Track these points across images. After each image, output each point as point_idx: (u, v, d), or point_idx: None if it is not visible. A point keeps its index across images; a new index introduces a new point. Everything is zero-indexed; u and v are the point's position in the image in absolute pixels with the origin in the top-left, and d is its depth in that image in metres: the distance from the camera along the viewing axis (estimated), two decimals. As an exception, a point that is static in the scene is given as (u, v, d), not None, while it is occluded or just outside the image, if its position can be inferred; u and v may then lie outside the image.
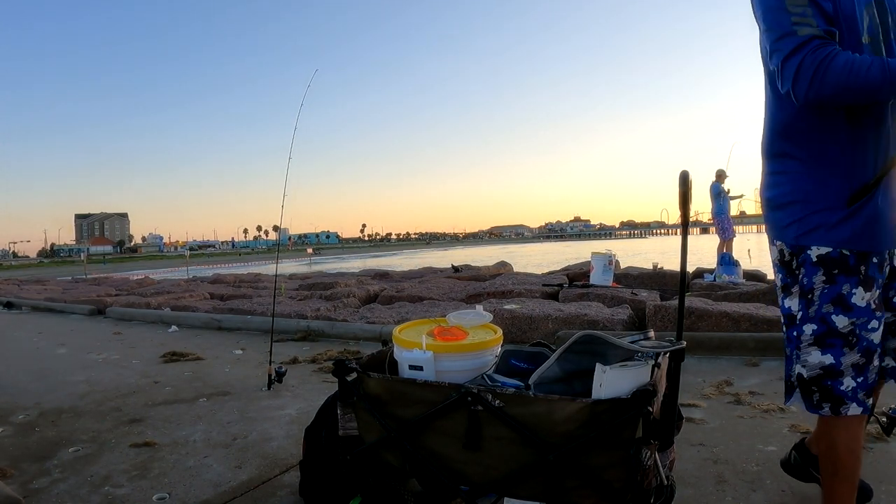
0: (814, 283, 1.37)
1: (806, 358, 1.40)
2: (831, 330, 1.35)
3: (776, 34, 1.30)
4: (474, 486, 1.57)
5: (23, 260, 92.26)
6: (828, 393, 1.37)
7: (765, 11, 1.33)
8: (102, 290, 10.30)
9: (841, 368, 1.35)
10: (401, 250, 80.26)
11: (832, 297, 1.35)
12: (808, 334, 1.39)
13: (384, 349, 1.94)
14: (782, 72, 1.28)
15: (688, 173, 1.67)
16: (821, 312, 1.36)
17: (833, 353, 1.36)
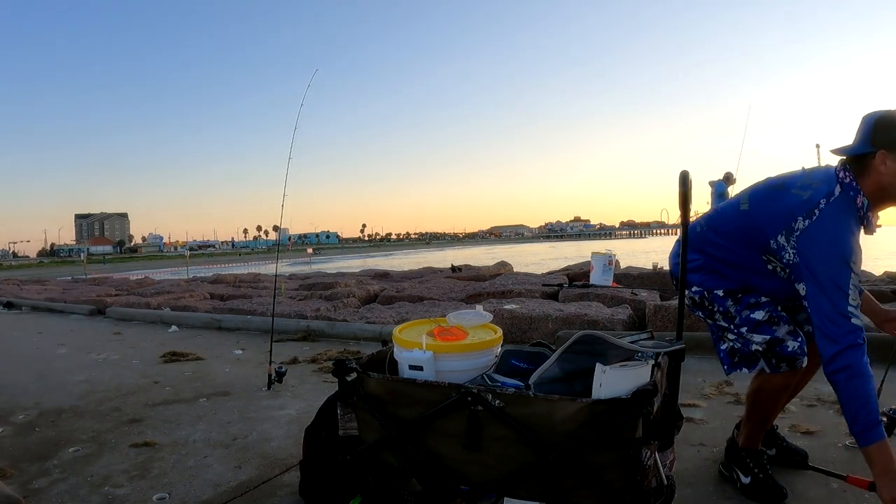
0: (727, 307, 1.89)
1: (753, 340, 1.85)
2: (757, 322, 1.84)
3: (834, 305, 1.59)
4: (474, 486, 1.57)
5: (23, 260, 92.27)
6: (780, 356, 1.82)
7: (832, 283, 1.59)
8: (102, 290, 10.30)
9: (780, 337, 1.82)
10: (401, 250, 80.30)
11: (745, 306, 1.86)
12: (744, 330, 1.86)
13: (384, 349, 1.94)
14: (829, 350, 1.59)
15: (688, 173, 1.68)
16: (742, 318, 1.86)
17: (767, 332, 1.82)
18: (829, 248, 1.61)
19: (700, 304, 1.95)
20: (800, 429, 2.44)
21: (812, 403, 2.80)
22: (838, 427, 2.46)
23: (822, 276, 1.60)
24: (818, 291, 1.61)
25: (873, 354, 3.62)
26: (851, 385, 1.57)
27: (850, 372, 1.58)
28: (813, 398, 2.87)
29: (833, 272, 1.60)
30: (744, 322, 1.85)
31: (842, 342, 1.58)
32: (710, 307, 1.92)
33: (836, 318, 1.58)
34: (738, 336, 1.88)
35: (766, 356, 1.83)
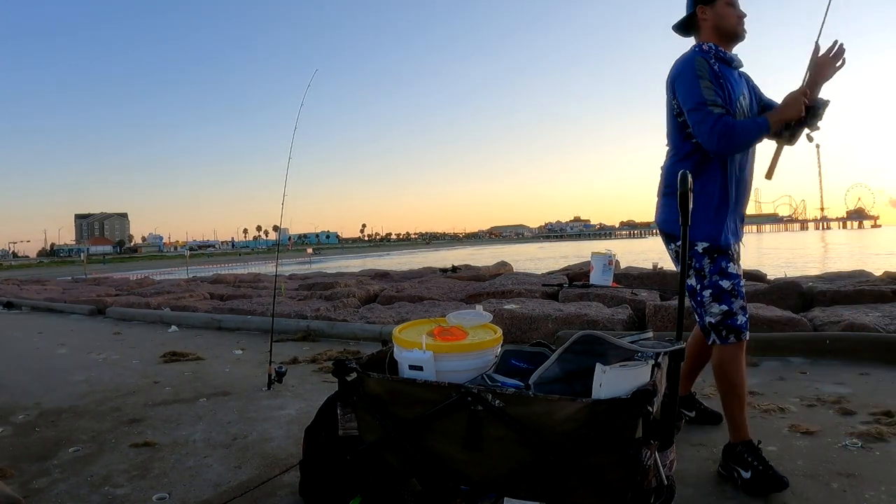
0: (703, 265, 2.08)
1: (710, 310, 2.08)
2: (721, 290, 2.06)
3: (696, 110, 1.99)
4: (474, 486, 1.57)
5: (23, 260, 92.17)
6: (730, 328, 2.07)
7: (688, 97, 2.02)
8: (102, 290, 10.30)
9: (734, 310, 2.06)
10: (401, 250, 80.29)
11: (717, 271, 2.06)
12: (708, 296, 2.08)
13: (384, 349, 1.94)
14: (707, 136, 1.97)
15: (688, 173, 1.69)
16: (712, 282, 2.07)
17: (726, 303, 2.06)
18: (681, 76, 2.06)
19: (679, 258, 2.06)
20: (800, 429, 2.44)
21: (812, 403, 2.80)
22: (838, 427, 2.46)
23: (684, 97, 2.04)
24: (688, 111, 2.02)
25: (874, 354, 3.62)
26: (732, 140, 1.96)
27: (726, 136, 1.95)
28: (813, 398, 2.87)
29: (688, 90, 2.02)
30: (710, 285, 2.08)
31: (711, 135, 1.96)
32: (689, 262, 2.08)
33: (700, 116, 1.98)
34: (699, 304, 2.11)
35: (716, 328, 2.09)
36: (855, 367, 3.41)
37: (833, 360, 3.57)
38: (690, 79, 2.02)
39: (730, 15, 2.12)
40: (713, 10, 2.12)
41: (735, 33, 2.14)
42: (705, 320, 2.10)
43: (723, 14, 2.12)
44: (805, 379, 3.26)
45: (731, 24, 2.12)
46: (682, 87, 2.05)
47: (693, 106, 1.99)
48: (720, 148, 1.97)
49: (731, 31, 2.13)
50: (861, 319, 4.02)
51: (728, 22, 2.12)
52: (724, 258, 2.07)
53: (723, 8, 2.12)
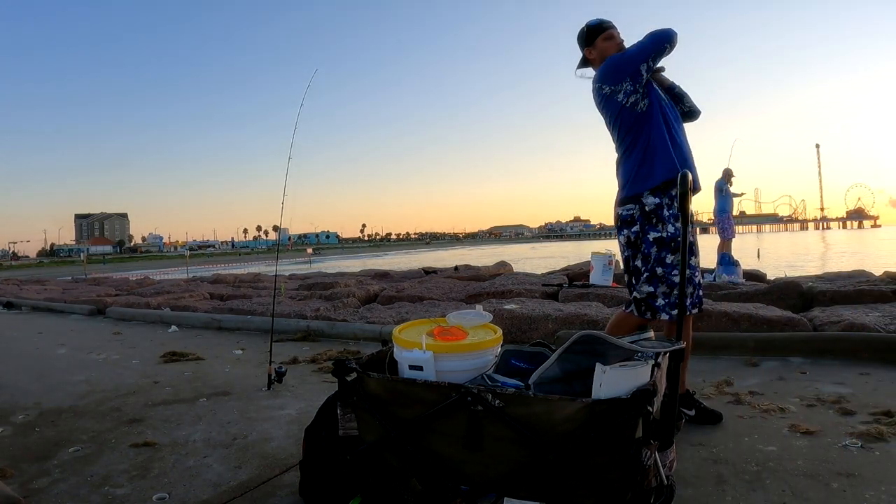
0: (650, 251, 2.44)
1: (641, 289, 2.47)
2: (654, 274, 2.44)
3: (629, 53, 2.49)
4: (474, 486, 1.57)
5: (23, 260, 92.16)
6: (649, 307, 2.46)
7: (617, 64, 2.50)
8: (102, 290, 10.30)
9: (657, 293, 2.44)
10: (401, 250, 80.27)
11: (657, 260, 2.43)
12: (643, 277, 2.46)
13: (384, 349, 1.94)
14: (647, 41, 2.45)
15: (688, 173, 1.70)
16: (649, 265, 2.44)
17: (654, 287, 2.44)
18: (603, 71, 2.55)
19: (634, 244, 2.51)
20: (800, 428, 2.44)
21: (812, 403, 2.80)
22: (838, 427, 2.46)
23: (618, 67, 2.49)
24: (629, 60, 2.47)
25: (874, 354, 3.61)
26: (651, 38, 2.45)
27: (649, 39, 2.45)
28: (813, 398, 2.87)
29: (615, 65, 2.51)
30: (648, 269, 2.45)
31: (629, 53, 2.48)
32: (639, 247, 2.49)
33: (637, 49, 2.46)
34: (636, 282, 2.50)
35: (638, 304, 2.48)
36: (855, 367, 3.41)
37: (833, 360, 3.57)
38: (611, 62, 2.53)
39: (609, 47, 2.60)
40: (595, 48, 2.64)
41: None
42: (633, 294, 2.52)
43: (603, 48, 2.61)
44: (805, 379, 3.26)
45: (614, 52, 2.58)
46: (607, 68, 2.52)
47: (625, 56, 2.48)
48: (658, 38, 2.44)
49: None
50: (861, 319, 4.02)
51: (611, 51, 2.59)
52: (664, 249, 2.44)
53: (602, 43, 2.62)
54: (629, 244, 2.51)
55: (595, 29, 2.62)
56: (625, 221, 2.51)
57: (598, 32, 2.62)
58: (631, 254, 2.52)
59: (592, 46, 2.63)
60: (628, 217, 2.49)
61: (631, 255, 2.53)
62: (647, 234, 2.43)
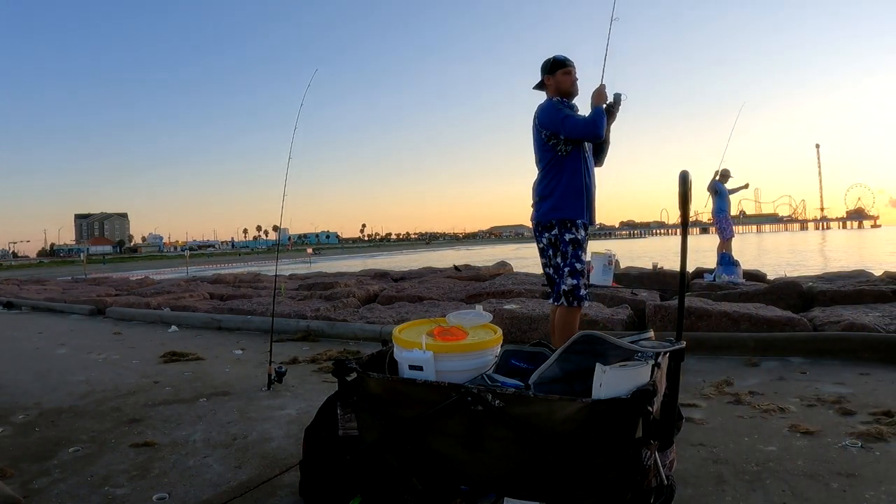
0: (568, 249, 2.95)
1: (566, 280, 2.93)
2: (576, 269, 2.94)
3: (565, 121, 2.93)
4: (474, 486, 1.57)
5: (23, 260, 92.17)
6: (575, 297, 2.93)
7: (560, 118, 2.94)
8: (102, 290, 10.30)
9: (579, 285, 2.93)
10: (401, 250, 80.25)
11: (576, 256, 2.94)
12: (567, 272, 2.93)
13: (384, 349, 1.94)
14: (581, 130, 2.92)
15: (688, 173, 1.70)
16: (571, 262, 2.94)
17: (577, 280, 2.93)
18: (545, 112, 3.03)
19: (553, 244, 2.99)
20: (800, 429, 2.44)
21: (812, 403, 2.80)
22: (838, 427, 2.46)
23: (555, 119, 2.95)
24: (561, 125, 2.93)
25: (874, 354, 3.61)
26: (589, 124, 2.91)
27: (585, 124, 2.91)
28: (813, 398, 2.87)
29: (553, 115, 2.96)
30: (569, 265, 2.94)
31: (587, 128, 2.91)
32: (558, 247, 2.97)
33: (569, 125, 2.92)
34: (560, 276, 2.96)
35: (567, 296, 2.93)
36: (855, 367, 3.41)
37: (833, 360, 3.57)
38: (553, 110, 2.97)
39: (564, 81, 3.03)
40: (554, 78, 3.05)
41: (569, 93, 3.05)
42: (560, 288, 2.96)
43: (560, 80, 3.04)
44: (805, 379, 3.26)
45: (566, 87, 3.04)
46: (548, 118, 2.98)
47: (564, 119, 2.91)
48: (595, 132, 2.89)
49: (566, 91, 3.04)
50: (861, 319, 4.03)
51: (563, 86, 3.03)
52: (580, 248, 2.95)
53: (560, 76, 3.04)
54: (550, 245, 3.01)
55: (558, 63, 3.05)
56: (545, 226, 3.02)
57: (560, 67, 3.04)
58: (552, 253, 3.02)
59: (552, 75, 3.05)
60: (547, 223, 3.01)
61: (552, 255, 3.02)
62: (563, 235, 2.95)
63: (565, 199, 2.96)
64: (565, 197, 2.96)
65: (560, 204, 2.96)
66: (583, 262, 2.97)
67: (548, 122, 2.97)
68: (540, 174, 3.09)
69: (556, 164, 2.99)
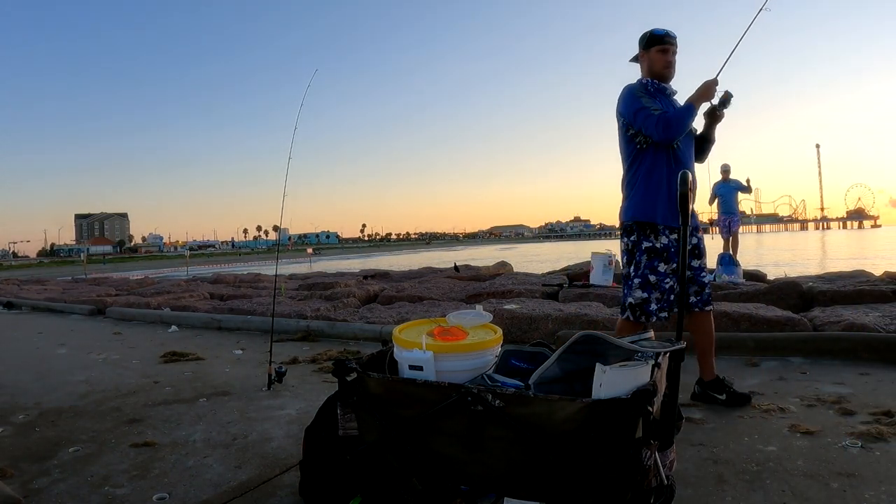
0: (642, 259, 2.68)
1: (634, 293, 2.70)
2: (646, 282, 2.67)
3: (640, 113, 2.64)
4: (475, 486, 1.57)
5: (23, 260, 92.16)
6: (643, 311, 2.68)
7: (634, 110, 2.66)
8: (102, 290, 10.30)
9: (650, 299, 2.66)
10: (401, 250, 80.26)
11: (650, 267, 2.66)
12: (636, 283, 2.70)
13: (384, 349, 1.94)
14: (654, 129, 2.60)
15: (688, 173, 1.70)
16: (644, 273, 2.67)
17: (647, 293, 2.67)
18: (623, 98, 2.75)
19: (630, 251, 2.75)
20: (800, 428, 2.44)
21: (812, 403, 2.80)
22: (838, 427, 2.46)
23: (630, 110, 2.69)
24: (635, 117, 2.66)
25: (874, 354, 3.61)
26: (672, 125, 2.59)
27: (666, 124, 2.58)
28: (813, 398, 2.87)
29: (630, 104, 2.69)
30: (639, 275, 2.68)
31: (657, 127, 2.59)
32: (633, 255, 2.72)
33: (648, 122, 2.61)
34: (629, 287, 2.74)
35: (633, 309, 2.70)
36: (855, 367, 3.41)
37: (833, 360, 3.57)
38: (630, 98, 2.70)
39: (659, 60, 2.74)
40: (648, 55, 2.77)
41: (661, 76, 2.75)
42: (626, 300, 2.75)
43: (653, 59, 2.75)
44: (805, 379, 3.26)
45: (658, 68, 2.74)
46: (625, 105, 2.71)
47: (639, 113, 2.63)
48: (665, 135, 2.59)
49: (658, 73, 2.75)
50: (861, 319, 4.02)
51: (657, 66, 2.74)
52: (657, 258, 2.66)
53: (654, 54, 2.74)
54: (626, 251, 2.78)
55: (655, 38, 2.73)
56: (625, 230, 2.80)
57: (656, 42, 2.73)
58: (627, 260, 2.79)
59: (646, 51, 2.76)
60: (626, 226, 2.79)
61: (626, 262, 2.79)
62: (640, 243, 2.69)
63: (643, 200, 2.68)
64: (644, 196, 2.68)
65: (637, 204, 2.70)
66: (662, 274, 2.64)
67: (624, 110, 2.71)
68: (623, 168, 2.83)
69: (637, 158, 2.71)
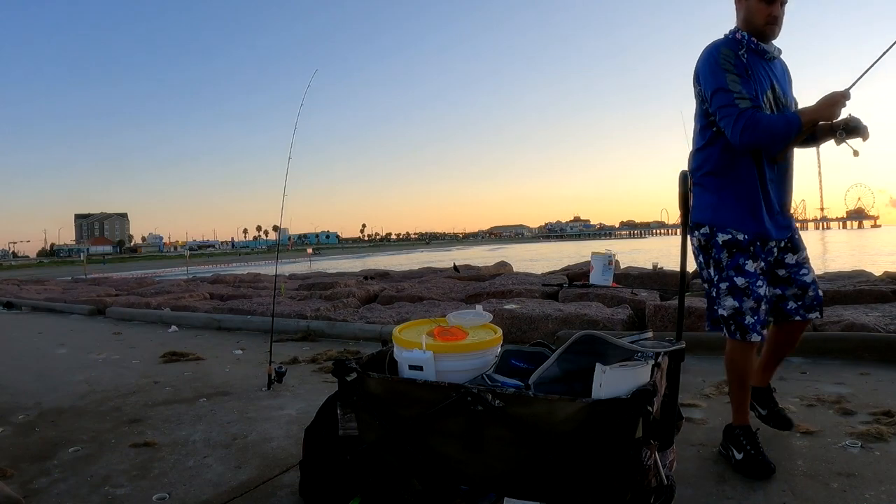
0: (721, 257, 2.05)
1: (723, 301, 2.06)
2: (734, 286, 2.03)
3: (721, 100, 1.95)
4: (474, 486, 1.57)
5: (23, 260, 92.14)
6: (739, 325, 2.03)
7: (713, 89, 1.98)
8: (102, 290, 10.30)
9: (743, 309, 2.02)
10: (400, 250, 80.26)
11: (734, 266, 2.03)
12: (724, 289, 2.05)
13: (384, 349, 1.94)
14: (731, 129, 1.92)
15: (687, 173, 1.69)
16: (726, 275, 2.04)
17: (738, 300, 2.02)
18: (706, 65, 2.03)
19: (704, 248, 2.12)
20: (800, 429, 2.44)
21: (812, 403, 2.80)
22: (838, 427, 2.46)
23: (708, 87, 2.00)
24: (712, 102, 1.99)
25: (874, 354, 3.61)
26: (758, 133, 1.90)
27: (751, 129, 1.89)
28: (813, 398, 2.87)
29: (712, 80, 1.98)
30: (725, 279, 2.05)
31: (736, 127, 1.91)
32: (709, 252, 2.10)
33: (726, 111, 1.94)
34: (715, 296, 2.10)
35: (727, 322, 2.08)
36: (855, 367, 3.41)
37: (833, 360, 3.57)
38: (715, 69, 1.97)
39: (760, 11, 2.01)
40: (747, 1, 2.03)
41: (761, 33, 2.03)
42: (717, 312, 2.10)
43: (753, 10, 2.02)
44: (805, 379, 3.26)
45: (758, 22, 2.02)
46: (706, 78, 2.01)
47: (718, 97, 1.95)
48: (744, 141, 1.91)
49: (757, 29, 2.03)
50: (861, 319, 4.02)
51: (756, 19, 2.02)
52: (742, 255, 2.02)
53: (755, 3, 2.01)
54: (701, 248, 2.14)
55: None
56: (695, 224, 2.14)
57: None
58: (703, 260, 2.15)
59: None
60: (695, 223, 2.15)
61: (703, 262, 2.15)
62: (715, 236, 2.06)
63: (718, 197, 2.06)
64: (718, 192, 2.07)
65: (709, 204, 2.08)
66: (751, 274, 2.01)
67: (701, 77, 2.04)
68: (694, 144, 2.19)
69: (712, 140, 2.07)
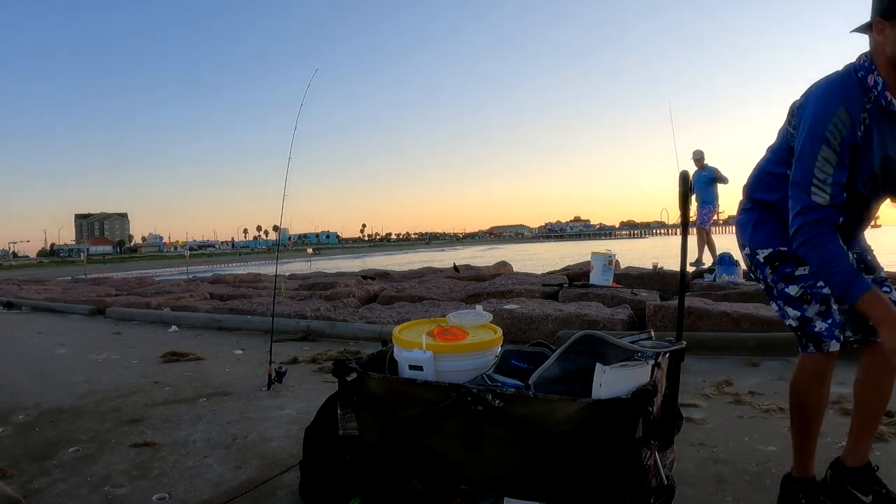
0: (766, 274, 1.81)
1: (788, 309, 1.77)
2: (790, 297, 1.75)
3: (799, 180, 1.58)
4: (474, 486, 1.57)
5: (23, 260, 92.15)
6: (808, 335, 1.71)
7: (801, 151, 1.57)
8: (102, 290, 10.30)
9: (809, 316, 1.70)
10: (400, 250, 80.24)
11: (781, 278, 1.77)
12: (781, 303, 1.78)
13: (384, 349, 1.94)
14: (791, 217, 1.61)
15: (687, 173, 1.70)
16: (779, 290, 1.78)
17: (799, 308, 1.72)
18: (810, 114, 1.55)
19: (750, 269, 1.90)
20: (800, 429, 2.44)
21: (812, 403, 2.79)
22: (838, 427, 2.46)
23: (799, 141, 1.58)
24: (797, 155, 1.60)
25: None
26: (814, 254, 1.57)
27: (810, 244, 1.57)
28: (813, 398, 2.87)
29: (808, 142, 1.54)
30: (780, 295, 1.77)
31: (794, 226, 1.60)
32: (755, 272, 1.86)
33: (797, 192, 1.58)
34: (779, 309, 1.80)
35: (797, 333, 1.75)
36: (855, 368, 3.40)
37: (833, 360, 3.57)
38: (817, 132, 1.52)
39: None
40: (893, 30, 1.45)
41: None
42: (787, 322, 1.81)
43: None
44: (805, 379, 3.26)
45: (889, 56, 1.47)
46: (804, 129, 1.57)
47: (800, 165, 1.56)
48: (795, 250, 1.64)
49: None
50: (861, 319, 4.02)
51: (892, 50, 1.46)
52: (787, 264, 1.75)
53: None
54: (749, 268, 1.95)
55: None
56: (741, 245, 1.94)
57: None
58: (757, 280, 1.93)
59: (889, 22, 1.46)
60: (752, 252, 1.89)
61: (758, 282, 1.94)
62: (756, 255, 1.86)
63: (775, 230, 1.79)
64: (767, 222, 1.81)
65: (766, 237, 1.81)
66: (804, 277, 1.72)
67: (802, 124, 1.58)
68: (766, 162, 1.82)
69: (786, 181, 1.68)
